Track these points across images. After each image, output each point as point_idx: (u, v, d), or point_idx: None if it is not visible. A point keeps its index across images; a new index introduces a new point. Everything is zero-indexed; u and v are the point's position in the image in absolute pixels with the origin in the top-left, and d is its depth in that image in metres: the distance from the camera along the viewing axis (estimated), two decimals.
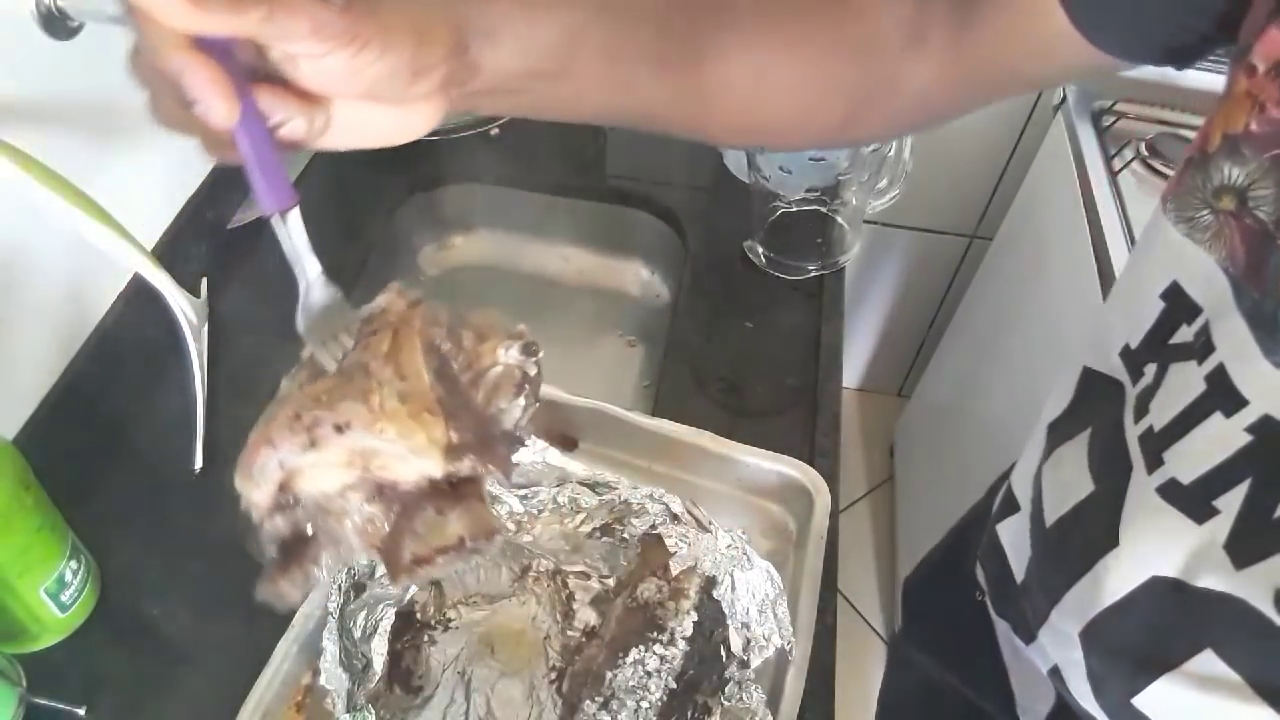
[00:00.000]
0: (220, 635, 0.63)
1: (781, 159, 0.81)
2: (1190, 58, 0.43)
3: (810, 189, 0.84)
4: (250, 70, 0.34)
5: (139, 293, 0.76)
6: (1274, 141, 0.36)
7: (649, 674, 0.54)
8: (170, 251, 0.81)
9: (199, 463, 0.72)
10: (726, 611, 0.57)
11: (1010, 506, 0.56)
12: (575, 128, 1.06)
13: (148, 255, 0.69)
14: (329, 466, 0.36)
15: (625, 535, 0.62)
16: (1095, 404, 0.50)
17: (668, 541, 0.58)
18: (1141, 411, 0.43)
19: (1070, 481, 0.49)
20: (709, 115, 0.48)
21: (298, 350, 0.44)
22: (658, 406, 0.78)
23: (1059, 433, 0.53)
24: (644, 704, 0.53)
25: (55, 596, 0.60)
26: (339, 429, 0.36)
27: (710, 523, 0.60)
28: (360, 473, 0.36)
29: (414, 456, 0.36)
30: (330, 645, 0.55)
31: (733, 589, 0.58)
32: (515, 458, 0.48)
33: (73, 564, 0.61)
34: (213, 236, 0.88)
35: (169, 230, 0.82)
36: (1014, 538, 0.55)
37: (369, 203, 0.96)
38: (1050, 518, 0.51)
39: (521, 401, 0.42)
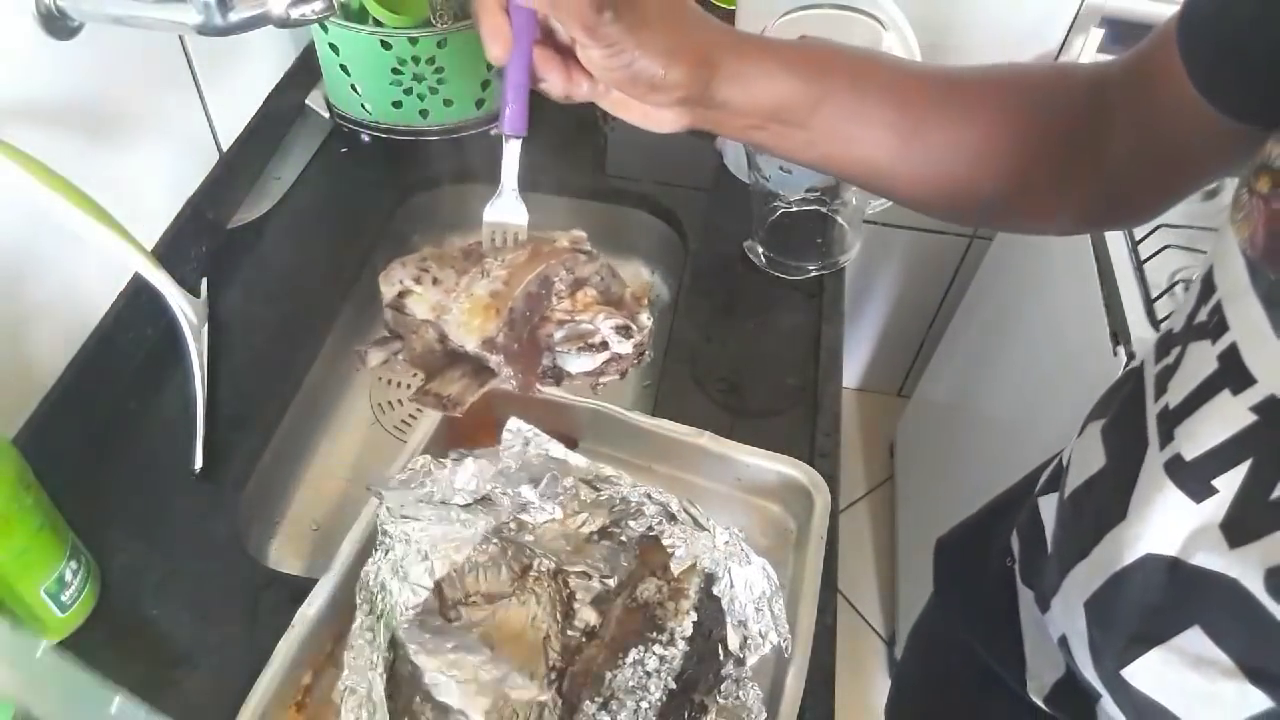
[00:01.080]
0: (220, 635, 0.63)
1: (782, 159, 0.81)
2: None
3: (810, 189, 0.84)
4: (551, 38, 0.47)
5: (139, 293, 0.76)
6: None
7: (648, 674, 0.54)
8: (170, 251, 0.81)
9: (199, 463, 0.72)
10: (725, 609, 0.57)
11: (1055, 483, 0.57)
12: (575, 127, 1.06)
13: (148, 255, 0.69)
14: (423, 301, 0.49)
15: (624, 539, 0.62)
16: (1125, 388, 0.51)
17: (665, 542, 0.58)
18: (1160, 390, 0.44)
19: (1088, 456, 0.50)
20: (924, 180, 0.53)
21: (296, 350, 0.47)
22: (658, 406, 0.78)
23: (1095, 412, 0.54)
24: (644, 704, 0.53)
25: (55, 596, 0.60)
26: (435, 281, 0.50)
27: (707, 521, 0.60)
28: (436, 318, 0.49)
29: (463, 330, 0.48)
30: (365, 648, 0.55)
31: (730, 586, 0.58)
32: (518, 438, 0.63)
33: (73, 564, 0.61)
34: (213, 236, 0.88)
35: (169, 230, 0.82)
36: (1052, 511, 0.56)
37: (369, 203, 0.96)
38: (1068, 489, 0.52)
39: (593, 359, 0.52)
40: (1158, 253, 0.96)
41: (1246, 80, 0.43)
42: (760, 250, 0.90)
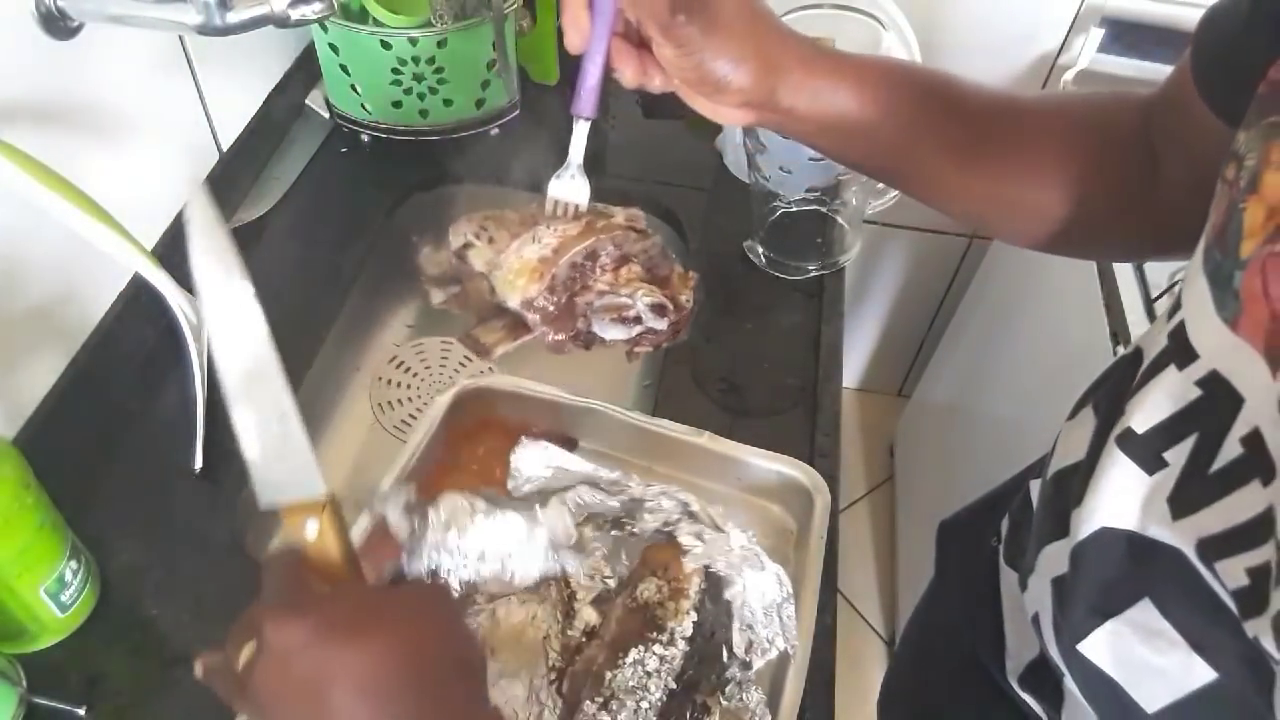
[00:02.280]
0: (220, 635, 0.62)
1: (782, 159, 0.81)
2: None
3: (810, 189, 0.84)
4: (631, 31, 0.49)
5: (139, 293, 0.76)
6: (1267, 107, 0.37)
7: (649, 674, 0.54)
8: (170, 251, 0.81)
9: (199, 463, 0.72)
10: (734, 613, 0.57)
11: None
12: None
13: (148, 255, 0.69)
14: (480, 256, 0.57)
15: (635, 531, 0.61)
16: (1117, 374, 0.51)
17: (684, 540, 0.58)
18: None
19: (1076, 440, 0.51)
20: (987, 198, 0.55)
21: (296, 350, 0.48)
22: (658, 406, 0.78)
23: (1086, 396, 0.54)
24: (644, 704, 0.53)
25: (55, 596, 0.60)
26: (490, 240, 0.57)
27: (725, 524, 0.60)
28: (488, 273, 0.55)
29: (508, 287, 0.56)
30: None
31: (744, 590, 0.58)
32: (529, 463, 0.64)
33: (73, 564, 0.61)
34: None
35: (169, 230, 0.82)
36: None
37: (369, 202, 0.96)
38: (1051, 470, 0.53)
39: (626, 330, 0.58)
40: None
41: (1245, 88, 0.44)
42: (760, 250, 0.90)
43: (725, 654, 0.56)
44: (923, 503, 1.58)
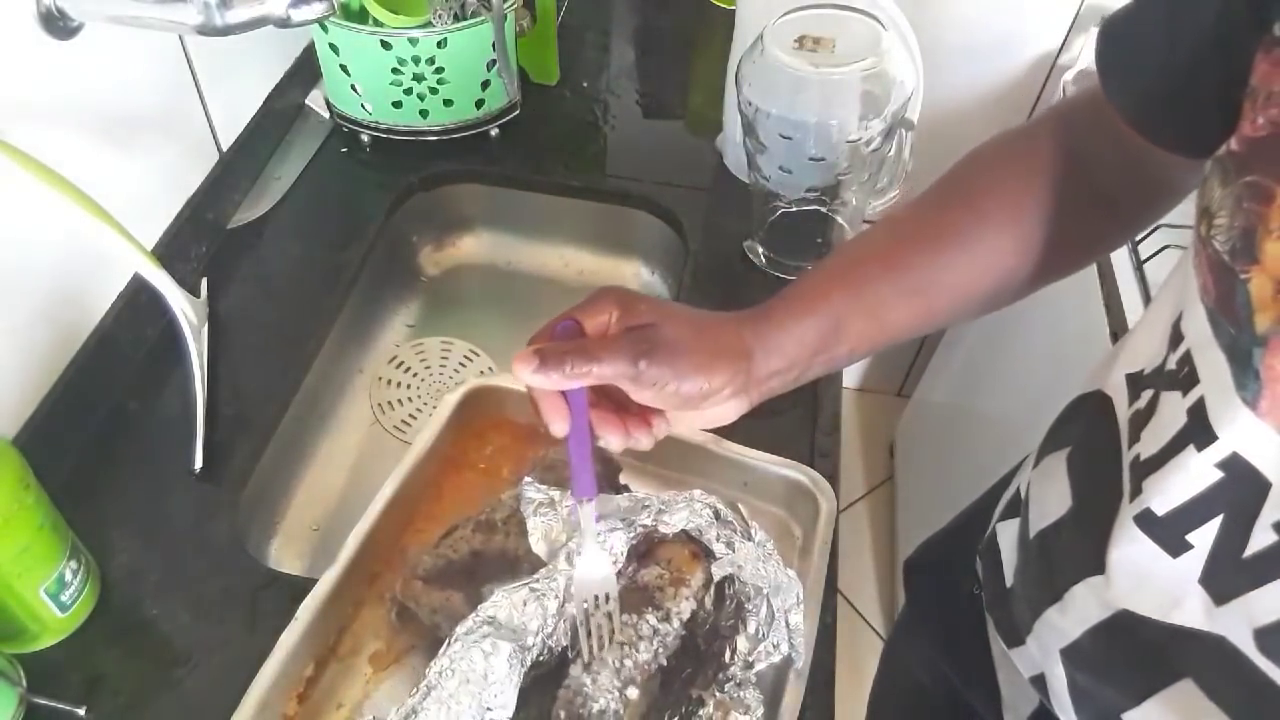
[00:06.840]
0: (220, 635, 0.63)
1: (781, 159, 0.81)
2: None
3: (810, 189, 0.84)
4: (606, 397, 0.50)
5: (139, 293, 0.76)
6: (1245, 165, 0.36)
7: (640, 637, 0.54)
8: (170, 251, 0.81)
9: (199, 463, 0.72)
10: (745, 616, 0.57)
11: (1014, 509, 0.56)
12: (575, 127, 1.06)
13: (148, 255, 0.69)
14: None
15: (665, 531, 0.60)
16: (1083, 419, 0.50)
17: (714, 547, 0.58)
18: (1134, 438, 0.43)
19: (1053, 495, 0.50)
20: (968, 303, 0.55)
21: (296, 350, 0.46)
22: None
23: (1051, 441, 0.53)
24: (628, 662, 0.53)
25: (55, 596, 0.60)
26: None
27: (753, 526, 0.59)
28: None
29: None
30: None
31: (759, 593, 0.57)
32: None
33: (73, 564, 0.61)
34: (213, 236, 0.88)
35: (169, 230, 0.82)
36: (1010, 540, 0.55)
37: (369, 203, 0.96)
38: (1033, 529, 0.51)
39: None
40: (1158, 253, 0.96)
41: (1175, 113, 0.44)
42: (760, 250, 0.89)
43: (728, 654, 0.56)
44: (923, 503, 1.58)
